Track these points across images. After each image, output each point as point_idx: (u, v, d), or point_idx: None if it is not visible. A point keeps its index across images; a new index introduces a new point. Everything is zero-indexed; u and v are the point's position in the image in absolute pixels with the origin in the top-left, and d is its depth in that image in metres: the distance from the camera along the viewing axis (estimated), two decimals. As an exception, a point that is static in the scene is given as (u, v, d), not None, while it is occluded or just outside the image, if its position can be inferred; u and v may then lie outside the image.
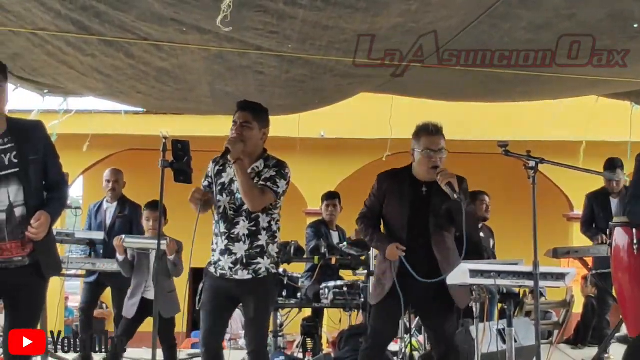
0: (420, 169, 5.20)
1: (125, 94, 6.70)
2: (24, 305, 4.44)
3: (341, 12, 4.17)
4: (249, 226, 4.95)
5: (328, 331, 9.46)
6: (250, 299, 4.95)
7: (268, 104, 6.63)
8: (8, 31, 5.13)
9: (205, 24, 4.48)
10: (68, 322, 15.82)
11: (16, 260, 4.33)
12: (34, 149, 4.38)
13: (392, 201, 5.28)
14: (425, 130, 5.17)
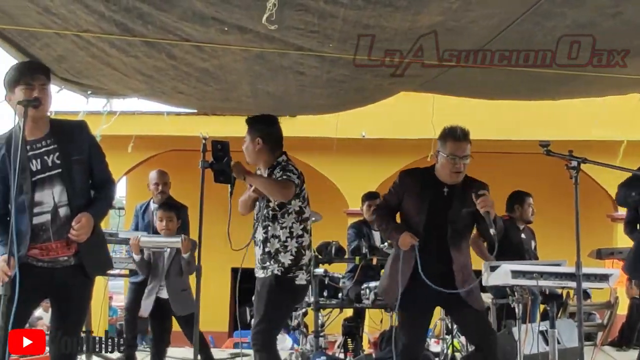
0: (443, 172, 5.20)
1: (167, 94, 6.74)
2: (70, 305, 4.50)
3: (381, 10, 4.15)
4: (262, 232, 5.22)
5: (369, 331, 9.44)
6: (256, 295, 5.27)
7: (308, 103, 6.68)
8: (53, 33, 5.19)
9: (246, 23, 4.49)
10: (112, 322, 15.98)
11: (62, 260, 4.38)
12: (77, 149, 4.43)
13: (411, 199, 5.28)
14: (452, 136, 5.15)
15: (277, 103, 6.91)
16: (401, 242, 5.18)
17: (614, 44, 4.96)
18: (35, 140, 4.37)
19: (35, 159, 4.33)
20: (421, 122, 9.68)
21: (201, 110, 10.92)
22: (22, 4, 4.64)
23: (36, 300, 4.47)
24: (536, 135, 12.11)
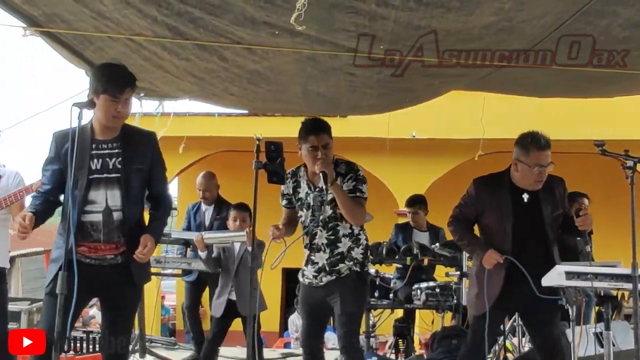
0: (524, 181, 5.09)
1: (219, 95, 6.80)
2: (118, 305, 4.56)
3: (433, 11, 4.13)
4: (327, 235, 5.10)
5: (420, 332, 9.41)
6: (336, 297, 5.06)
7: (359, 104, 6.68)
8: (107, 37, 5.27)
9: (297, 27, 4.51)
10: (164, 321, 16.14)
11: (109, 257, 4.43)
12: (141, 158, 4.49)
13: (493, 211, 5.16)
14: (537, 145, 5.04)
15: (327, 104, 6.93)
16: (485, 261, 5.07)
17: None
18: (102, 140, 4.44)
19: (97, 158, 4.40)
20: (471, 122, 9.63)
21: (252, 111, 10.99)
22: (77, 9, 4.72)
23: (85, 298, 4.51)
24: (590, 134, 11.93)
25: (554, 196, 5.07)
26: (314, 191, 5.14)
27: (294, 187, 5.24)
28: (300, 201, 5.21)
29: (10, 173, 5.72)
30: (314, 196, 5.13)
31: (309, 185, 5.17)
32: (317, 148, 5.01)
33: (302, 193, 5.20)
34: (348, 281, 5.08)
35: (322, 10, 4.11)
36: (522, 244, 5.06)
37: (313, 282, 5.15)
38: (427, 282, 7.67)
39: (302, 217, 5.21)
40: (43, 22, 5.11)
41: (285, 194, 5.29)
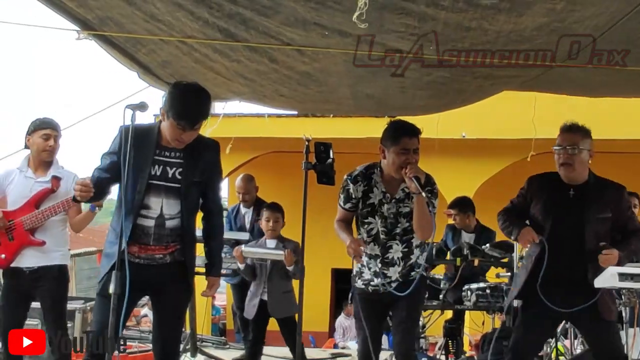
0: (559, 170, 5.00)
1: (269, 97, 6.83)
2: (169, 303, 4.59)
3: (484, 12, 4.10)
4: (402, 249, 4.96)
5: (470, 333, 9.35)
6: (403, 302, 4.93)
7: (408, 105, 6.66)
8: (159, 40, 5.33)
9: (347, 27, 4.52)
10: (215, 321, 16.24)
11: (157, 257, 4.48)
12: (201, 171, 4.52)
13: (537, 206, 5.07)
14: (561, 128, 5.02)
15: (377, 105, 6.93)
16: (520, 237, 4.98)
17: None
18: (167, 147, 4.47)
19: (158, 165, 4.44)
20: (522, 122, 9.56)
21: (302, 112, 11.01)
22: (130, 12, 4.78)
23: (136, 297, 4.55)
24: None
25: (602, 198, 4.95)
26: (390, 202, 4.92)
27: (364, 191, 4.95)
28: (372, 208, 4.95)
29: (69, 175, 5.79)
30: (388, 207, 4.92)
31: (384, 194, 4.93)
32: (409, 151, 4.77)
33: (375, 199, 4.94)
34: (417, 286, 4.96)
35: (372, 11, 4.11)
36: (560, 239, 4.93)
37: (380, 290, 4.98)
38: (477, 282, 7.62)
39: (371, 226, 4.97)
40: (96, 25, 5.19)
41: (353, 197, 4.96)
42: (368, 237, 4.97)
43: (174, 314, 4.66)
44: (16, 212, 5.67)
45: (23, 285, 5.67)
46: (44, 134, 5.70)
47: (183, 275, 4.59)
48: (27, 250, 5.65)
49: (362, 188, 4.95)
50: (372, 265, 4.97)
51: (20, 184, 5.74)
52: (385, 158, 4.88)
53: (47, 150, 5.71)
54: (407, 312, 4.92)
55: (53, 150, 5.74)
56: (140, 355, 7.62)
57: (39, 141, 5.70)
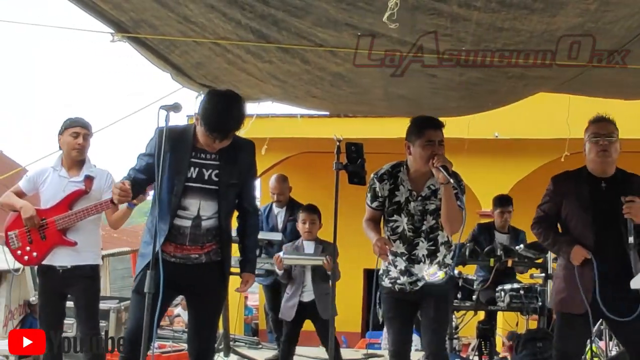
0: (592, 162, 4.94)
1: (301, 98, 6.84)
2: (204, 302, 4.63)
3: (517, 13, 4.08)
4: (428, 246, 4.94)
5: (504, 334, 9.31)
6: (430, 300, 4.91)
7: (442, 106, 6.64)
8: (192, 41, 5.36)
9: (379, 28, 4.52)
10: (247, 321, 16.32)
11: (193, 257, 4.51)
12: (237, 173, 4.55)
13: (571, 203, 4.99)
14: (594, 119, 4.98)
15: (409, 106, 6.92)
16: (573, 257, 4.88)
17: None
18: (202, 150, 4.49)
19: (194, 167, 4.47)
20: (556, 122, 9.48)
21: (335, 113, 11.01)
22: (164, 14, 4.82)
23: (171, 296, 4.59)
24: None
25: (632, 188, 4.85)
26: (416, 199, 4.92)
27: (390, 189, 4.96)
28: (397, 206, 4.95)
29: (102, 174, 5.85)
30: (415, 205, 4.91)
31: (411, 191, 4.93)
32: (434, 143, 4.78)
33: (401, 197, 4.94)
34: (446, 287, 4.97)
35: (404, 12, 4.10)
36: (604, 236, 4.86)
37: (406, 289, 4.95)
38: (511, 283, 7.59)
39: (397, 224, 4.97)
40: (130, 28, 5.24)
41: (380, 196, 4.98)
42: (393, 235, 4.97)
43: (209, 314, 4.69)
44: (49, 210, 5.74)
45: (57, 284, 5.73)
46: (74, 132, 5.76)
47: (219, 276, 4.62)
48: (60, 249, 5.71)
49: (389, 186, 4.97)
50: (398, 263, 4.97)
51: (54, 183, 5.80)
52: (411, 154, 4.90)
53: (77, 148, 5.75)
54: (436, 312, 4.89)
55: (82, 148, 5.79)
56: (174, 355, 7.67)
57: (69, 139, 5.76)
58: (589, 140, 4.93)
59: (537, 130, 12.74)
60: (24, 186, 5.89)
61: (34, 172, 5.95)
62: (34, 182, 5.86)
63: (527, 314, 7.59)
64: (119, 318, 7.47)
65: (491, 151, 13.39)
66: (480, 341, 7.94)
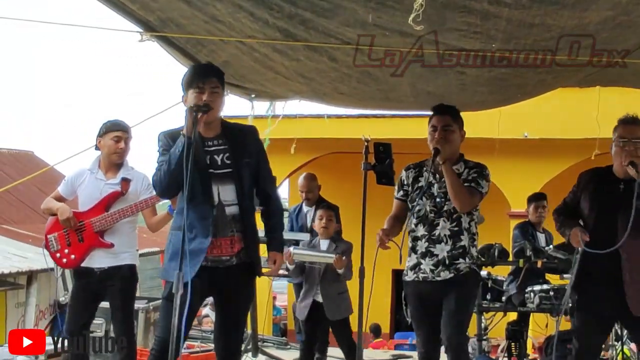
0: (616, 163, 4.88)
1: (328, 95, 6.83)
2: (233, 305, 4.60)
3: (547, 8, 4.03)
4: (450, 227, 4.93)
5: (534, 336, 9.23)
6: (451, 295, 4.88)
7: (469, 101, 6.60)
8: (219, 40, 5.36)
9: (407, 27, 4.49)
10: (276, 321, 16.33)
11: (224, 259, 4.45)
12: (248, 152, 4.51)
13: (587, 196, 5.00)
14: (622, 121, 4.91)
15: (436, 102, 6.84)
16: (571, 238, 4.90)
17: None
18: (207, 138, 4.47)
19: (205, 155, 4.43)
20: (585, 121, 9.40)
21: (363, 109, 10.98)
22: (190, 13, 4.83)
23: (200, 299, 4.56)
24: None
25: None
26: (439, 181, 4.97)
27: (415, 176, 5.08)
28: (420, 189, 5.01)
29: (138, 176, 5.85)
30: (438, 186, 4.96)
31: (434, 175, 4.99)
32: (437, 128, 4.94)
33: (424, 182, 5.02)
34: (467, 279, 4.93)
35: (433, 10, 4.07)
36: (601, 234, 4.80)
37: (429, 277, 4.93)
38: (540, 284, 7.52)
39: (419, 207, 4.98)
40: (157, 27, 5.25)
41: (405, 184, 5.10)
42: (416, 219, 5.00)
43: (237, 315, 4.67)
44: (86, 213, 5.76)
45: (93, 284, 5.74)
46: (115, 136, 5.76)
47: (248, 277, 4.60)
48: (97, 251, 5.73)
49: (413, 174, 5.10)
50: (419, 247, 4.98)
51: (91, 185, 5.81)
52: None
53: (118, 152, 5.77)
54: (457, 305, 4.86)
55: (123, 153, 5.80)
56: (203, 355, 7.68)
57: (110, 143, 5.76)
58: (616, 143, 4.88)
59: (567, 130, 12.65)
60: (63, 190, 5.92)
61: (71, 175, 5.96)
62: (72, 184, 5.89)
63: (557, 315, 7.51)
64: (147, 318, 7.49)
65: (521, 151, 13.32)
66: (510, 342, 7.88)
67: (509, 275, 8.12)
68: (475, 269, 5.00)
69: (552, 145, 13.25)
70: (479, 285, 5.12)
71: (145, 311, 7.44)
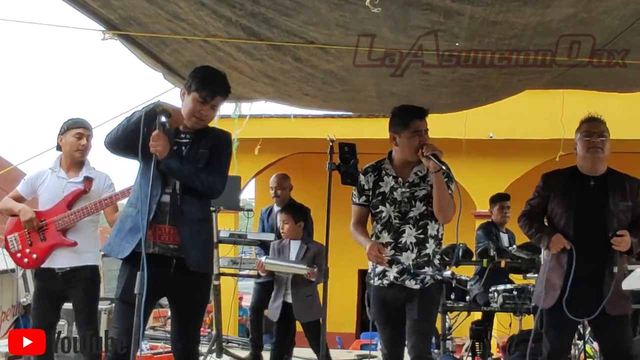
0: (583, 160, 4.99)
1: (293, 96, 6.81)
2: (183, 300, 4.53)
3: (510, 5, 4.04)
4: (416, 234, 4.87)
5: (497, 335, 9.28)
6: (415, 303, 4.85)
7: (434, 103, 6.62)
8: (182, 39, 5.32)
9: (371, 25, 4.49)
10: (242, 322, 16.25)
11: (171, 247, 4.38)
12: (205, 145, 4.48)
13: (557, 200, 5.04)
14: (585, 119, 5.04)
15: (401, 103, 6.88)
16: (552, 245, 4.93)
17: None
18: (182, 131, 4.48)
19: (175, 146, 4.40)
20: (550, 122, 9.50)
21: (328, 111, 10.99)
22: (153, 11, 4.78)
23: (154, 298, 4.45)
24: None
25: (623, 189, 4.94)
26: (403, 185, 4.90)
27: (374, 181, 4.98)
28: (382, 196, 4.94)
29: (101, 175, 5.83)
30: (402, 191, 4.89)
31: (396, 179, 4.93)
32: (421, 133, 4.82)
33: (386, 187, 4.94)
34: (431, 289, 4.90)
35: (397, 8, 4.07)
36: (582, 229, 4.90)
37: (393, 283, 4.90)
38: (504, 284, 7.56)
39: (382, 214, 4.93)
40: (120, 26, 5.20)
41: (366, 189, 5.00)
42: (379, 226, 4.94)
43: (191, 312, 4.59)
44: (48, 212, 5.70)
45: (55, 286, 5.69)
46: (77, 133, 5.74)
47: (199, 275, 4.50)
48: (59, 251, 5.67)
49: (373, 178, 5.00)
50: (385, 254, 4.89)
51: (53, 184, 5.77)
52: (398, 145, 4.93)
53: (80, 149, 5.74)
54: (420, 314, 4.83)
55: (85, 150, 5.77)
56: (167, 356, 7.64)
57: (71, 140, 5.73)
58: (581, 138, 4.97)
59: (532, 131, 12.76)
60: (22, 190, 5.86)
61: (31, 175, 5.92)
62: (32, 184, 5.84)
63: (520, 314, 7.56)
64: (110, 319, 7.41)
65: (486, 152, 13.40)
66: (474, 342, 7.91)
67: (475, 275, 8.17)
68: (439, 279, 4.98)
69: (517, 145, 13.34)
70: (442, 293, 5.11)
71: (108, 312, 7.36)
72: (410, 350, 4.89)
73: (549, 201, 5.10)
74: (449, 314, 7.80)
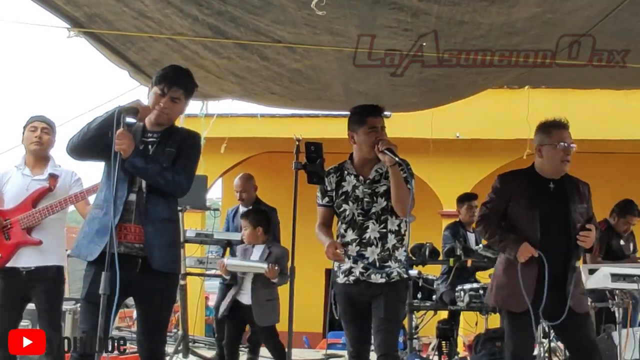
0: (550, 165, 4.96)
1: (260, 95, 6.80)
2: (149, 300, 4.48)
3: (476, 5, 4.07)
4: (379, 229, 4.90)
5: (464, 334, 9.32)
6: (380, 300, 4.85)
7: (401, 102, 6.65)
8: (148, 37, 5.29)
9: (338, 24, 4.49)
10: (209, 321, 16.17)
11: (137, 246, 4.34)
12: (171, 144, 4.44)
13: (518, 202, 5.01)
14: (557, 124, 4.97)
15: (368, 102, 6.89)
16: (520, 254, 4.89)
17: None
18: (150, 130, 4.45)
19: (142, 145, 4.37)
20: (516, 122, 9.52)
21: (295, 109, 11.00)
22: (118, 9, 4.75)
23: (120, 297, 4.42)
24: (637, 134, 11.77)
25: (578, 192, 4.99)
26: (364, 183, 4.94)
27: (337, 181, 5.03)
28: (345, 195, 4.98)
29: (67, 172, 5.77)
30: (363, 189, 4.92)
31: (357, 177, 4.97)
32: (377, 129, 4.88)
33: (348, 186, 4.98)
34: (396, 286, 4.90)
35: (364, 7, 4.07)
36: (548, 232, 4.90)
37: (359, 279, 4.90)
38: (471, 283, 7.59)
39: (346, 212, 4.96)
40: (85, 23, 5.16)
41: (329, 190, 5.03)
42: (344, 225, 4.97)
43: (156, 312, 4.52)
44: (13, 210, 5.63)
45: (19, 286, 5.61)
46: (32, 126, 5.69)
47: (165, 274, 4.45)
48: (24, 250, 5.59)
49: (335, 179, 5.04)
50: (350, 251, 4.93)
51: (18, 182, 5.70)
52: (356, 142, 4.98)
53: (34, 142, 5.66)
54: (386, 312, 4.83)
55: (40, 142, 5.69)
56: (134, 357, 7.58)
57: (27, 135, 5.69)
58: (556, 147, 4.93)
59: (498, 131, 12.81)
60: None
61: None
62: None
63: (487, 313, 7.60)
64: (75, 320, 7.35)
65: (453, 151, 13.44)
66: (440, 341, 7.94)
67: (442, 274, 8.19)
68: (405, 277, 4.99)
69: (484, 145, 13.39)
70: (407, 291, 5.09)
71: (72, 312, 7.31)
72: (376, 349, 4.89)
73: (509, 204, 5.07)
74: (416, 313, 7.81)
